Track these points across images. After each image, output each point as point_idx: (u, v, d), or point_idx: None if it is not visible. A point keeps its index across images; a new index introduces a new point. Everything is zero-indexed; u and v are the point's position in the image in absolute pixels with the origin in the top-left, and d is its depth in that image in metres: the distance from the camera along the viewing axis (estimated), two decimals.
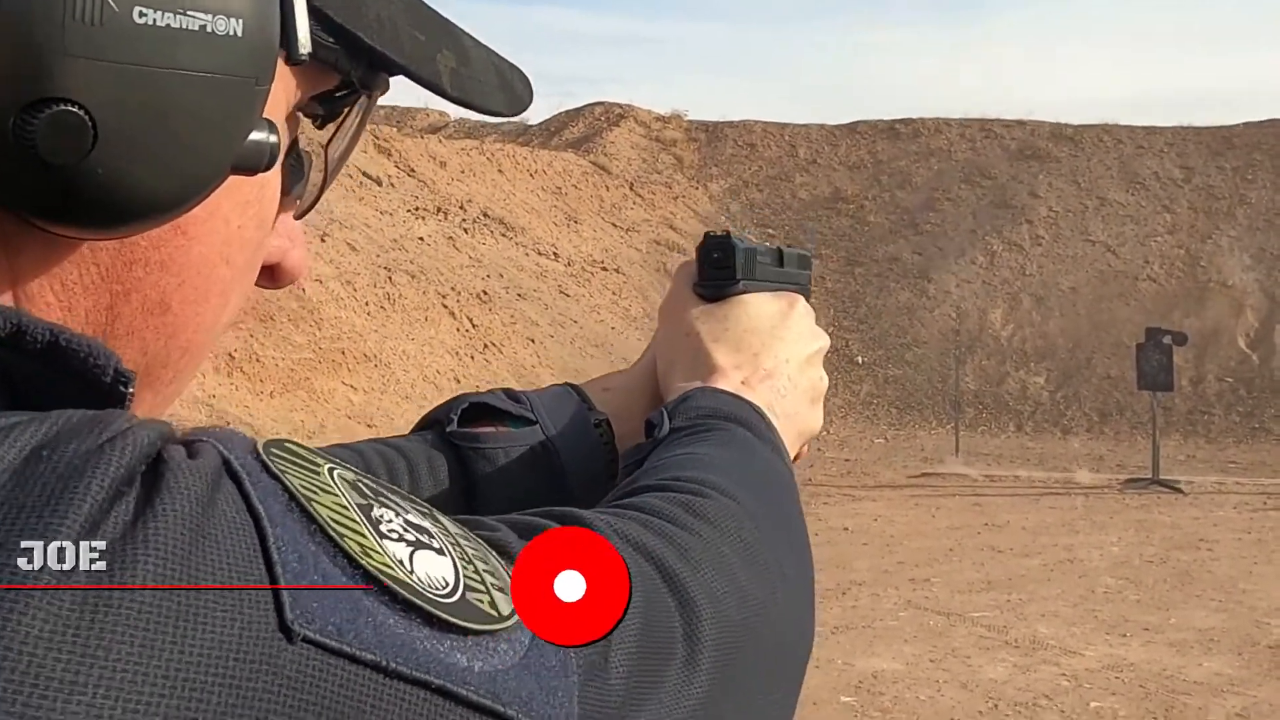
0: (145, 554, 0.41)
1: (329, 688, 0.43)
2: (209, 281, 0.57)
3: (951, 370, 21.57)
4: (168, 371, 0.59)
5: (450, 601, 0.49)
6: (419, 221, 20.99)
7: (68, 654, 0.38)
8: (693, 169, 29.10)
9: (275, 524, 0.45)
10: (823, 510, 13.64)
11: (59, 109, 0.47)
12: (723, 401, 0.94)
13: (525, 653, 0.51)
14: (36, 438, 0.43)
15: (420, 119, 31.72)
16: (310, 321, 15.48)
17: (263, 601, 0.43)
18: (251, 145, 0.53)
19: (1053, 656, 8.11)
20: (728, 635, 0.66)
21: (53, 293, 0.53)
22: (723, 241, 1.07)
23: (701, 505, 0.74)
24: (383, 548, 0.48)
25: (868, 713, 6.98)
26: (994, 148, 28.16)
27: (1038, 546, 11.77)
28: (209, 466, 0.46)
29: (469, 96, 0.67)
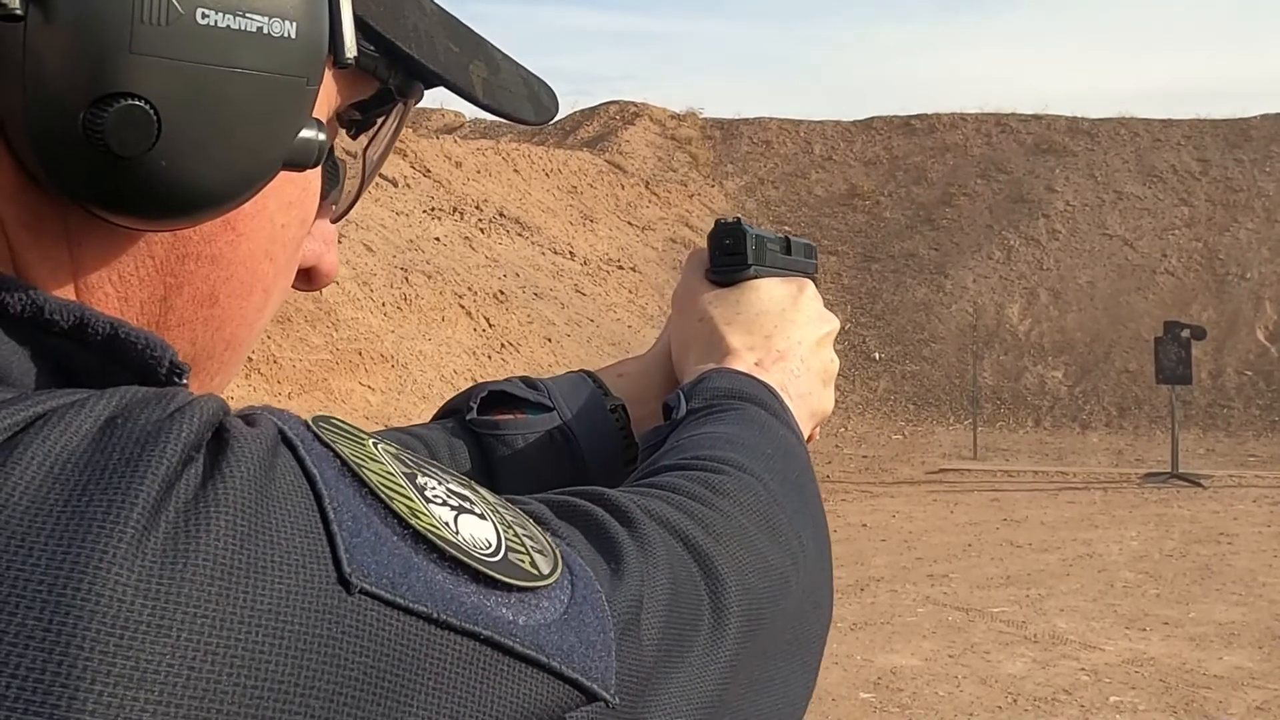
0: (216, 512, 0.43)
1: (385, 637, 0.46)
2: (254, 277, 0.60)
3: (969, 366, 21.53)
4: (214, 363, 0.62)
5: (494, 560, 0.52)
6: (435, 222, 21.03)
7: (153, 600, 0.41)
8: (708, 167, 29.09)
9: (330, 486, 0.48)
10: (841, 507, 13.63)
11: (127, 103, 0.49)
12: (738, 382, 0.97)
13: (565, 610, 0.54)
14: (110, 409, 0.46)
15: (435, 119, 31.76)
16: (327, 322, 15.52)
17: (322, 556, 0.46)
18: (302, 142, 0.56)
19: (1072, 651, 8.10)
20: (752, 604, 0.69)
21: (111, 284, 0.55)
22: (734, 228, 1.10)
23: (722, 482, 0.77)
24: (429, 510, 0.51)
25: (886, 709, 6.97)
26: (1010, 142, 28.08)
27: (1056, 541, 11.75)
28: (267, 435, 0.49)
29: (501, 105, 0.70)
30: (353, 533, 0.47)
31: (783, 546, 0.76)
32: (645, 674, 0.58)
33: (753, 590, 0.70)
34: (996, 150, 27.96)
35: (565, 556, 0.57)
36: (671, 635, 0.61)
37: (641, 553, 0.63)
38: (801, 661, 0.78)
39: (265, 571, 0.43)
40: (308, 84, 0.55)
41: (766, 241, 1.11)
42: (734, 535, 0.72)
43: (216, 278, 0.58)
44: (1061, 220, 25.99)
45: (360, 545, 0.47)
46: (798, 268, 1.14)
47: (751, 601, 0.69)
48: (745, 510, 0.76)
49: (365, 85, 0.64)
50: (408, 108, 0.68)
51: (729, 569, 0.69)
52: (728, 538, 0.71)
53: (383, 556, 0.47)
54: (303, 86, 0.55)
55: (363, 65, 0.61)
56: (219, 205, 0.54)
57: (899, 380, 23.06)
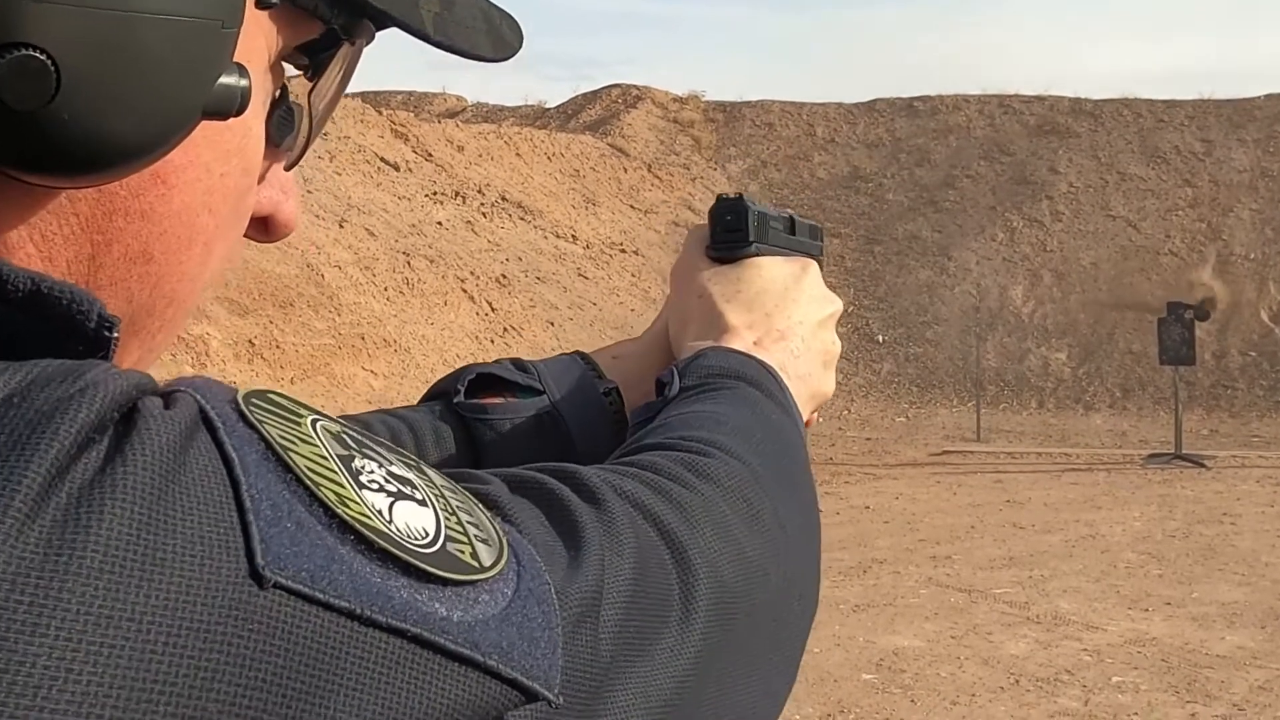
0: (112, 499, 0.41)
1: (301, 634, 0.43)
2: (192, 231, 0.57)
3: (972, 348, 21.52)
4: (154, 321, 0.58)
5: (429, 551, 0.48)
6: (437, 206, 21.01)
7: (30, 596, 0.38)
8: (711, 150, 29.04)
9: (249, 472, 0.45)
10: (844, 489, 13.63)
11: (20, 54, 0.46)
12: (734, 360, 0.94)
13: (508, 604, 0.50)
14: (10, 386, 0.43)
15: (437, 103, 31.71)
16: (330, 307, 15.52)
17: (233, 547, 0.43)
18: (222, 89, 0.52)
19: (1074, 632, 8.10)
20: (725, 598, 0.66)
21: (33, 244, 0.52)
22: (735, 204, 1.07)
23: (705, 464, 0.74)
24: (361, 497, 0.48)
25: (889, 690, 6.98)
26: (1013, 124, 28.01)
27: (1059, 523, 11.75)
28: (184, 415, 0.46)
29: (453, 41, 0.65)
30: (270, 522, 0.44)
31: (763, 536, 0.73)
32: (602, 668, 0.56)
33: (726, 581, 0.67)
34: (999, 132, 27.89)
35: (514, 545, 0.54)
36: (634, 625, 0.58)
37: (606, 535, 0.60)
38: (782, 655, 0.75)
39: (164, 564, 0.41)
40: (224, 26, 0.51)
41: (770, 219, 1.08)
42: (711, 521, 0.69)
43: (149, 233, 0.55)
44: (1065, 202, 25.94)
45: (278, 535, 0.44)
46: (802, 248, 1.11)
47: (724, 592, 0.66)
48: (726, 496, 0.73)
49: (309, 26, 0.60)
50: (357, 49, 0.65)
51: (701, 558, 0.66)
52: (704, 524, 0.68)
53: (303, 548, 0.44)
54: (218, 29, 0.51)
55: (300, 4, 0.58)
56: (135, 159, 0.51)
57: (902, 362, 23.05)
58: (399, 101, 30.30)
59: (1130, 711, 6.58)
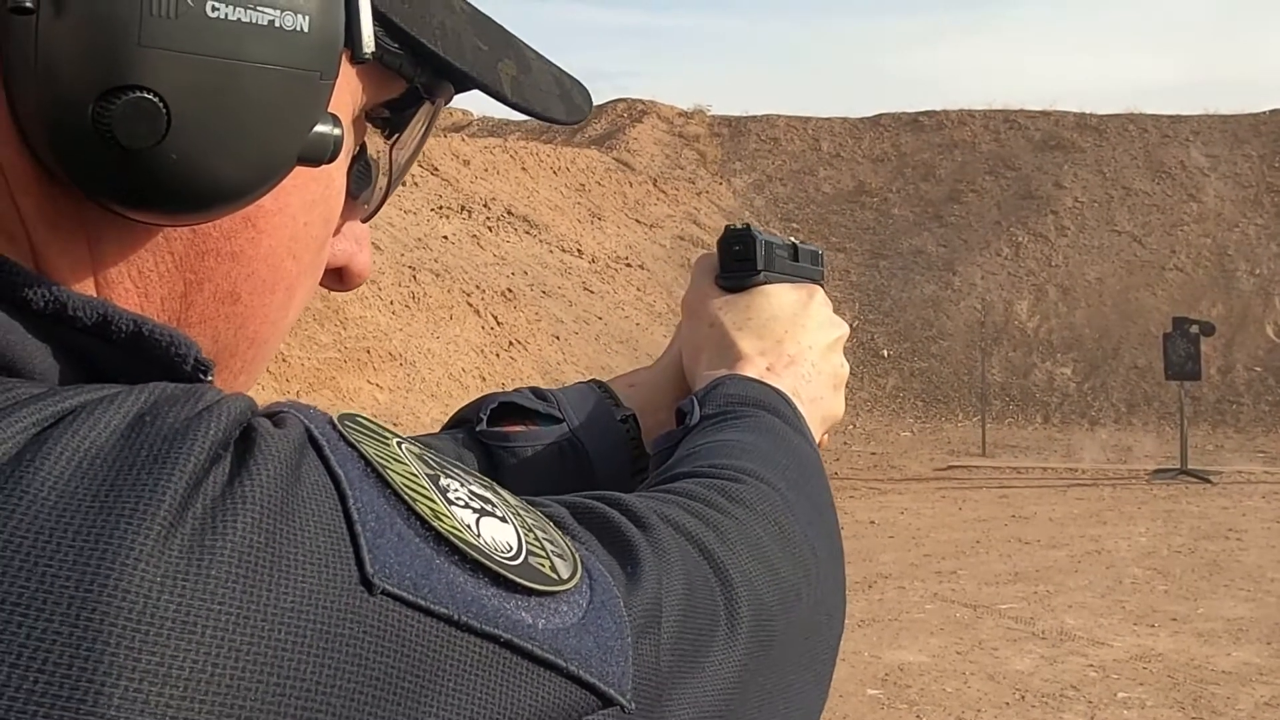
0: (242, 510, 0.44)
1: (406, 637, 0.46)
2: (276, 275, 0.60)
3: (977, 363, 21.50)
4: (237, 361, 0.62)
5: (515, 564, 0.52)
6: (443, 220, 21.04)
7: (179, 596, 0.41)
8: (716, 164, 29.08)
9: (354, 487, 0.48)
10: (849, 504, 13.62)
11: (135, 95, 0.49)
12: (751, 388, 0.97)
13: (584, 615, 0.54)
14: (139, 405, 0.46)
15: (443, 117, 31.73)
16: (335, 321, 15.54)
17: (345, 556, 0.46)
18: (316, 137, 0.55)
19: (1080, 647, 8.09)
20: (763, 617, 0.69)
21: (130, 280, 0.55)
22: (743, 234, 1.10)
23: (738, 490, 0.77)
24: (451, 513, 0.51)
25: (894, 705, 6.97)
26: (1018, 138, 28.04)
27: (1065, 538, 11.74)
28: (294, 435, 0.49)
29: (531, 104, 0.69)
30: (376, 534, 0.47)
31: (795, 558, 0.76)
32: (662, 678, 0.58)
33: (764, 600, 0.70)
34: (1005, 147, 27.93)
35: (584, 561, 0.57)
36: (687, 640, 0.61)
37: (657, 557, 0.63)
38: (814, 673, 0.78)
39: (289, 570, 0.44)
40: (321, 78, 0.54)
41: (775, 247, 1.11)
42: (747, 544, 0.72)
43: (238, 275, 0.58)
44: (1070, 217, 25.95)
45: (383, 546, 0.47)
46: (806, 274, 1.14)
47: (762, 611, 0.69)
48: (761, 520, 0.76)
49: (393, 84, 0.63)
50: (436, 107, 0.68)
51: (741, 577, 0.69)
52: (740, 546, 0.71)
53: (405, 558, 0.48)
54: (316, 80, 0.54)
55: (387, 63, 0.61)
56: (233, 200, 0.54)
57: (907, 377, 23.05)
58: None
59: None
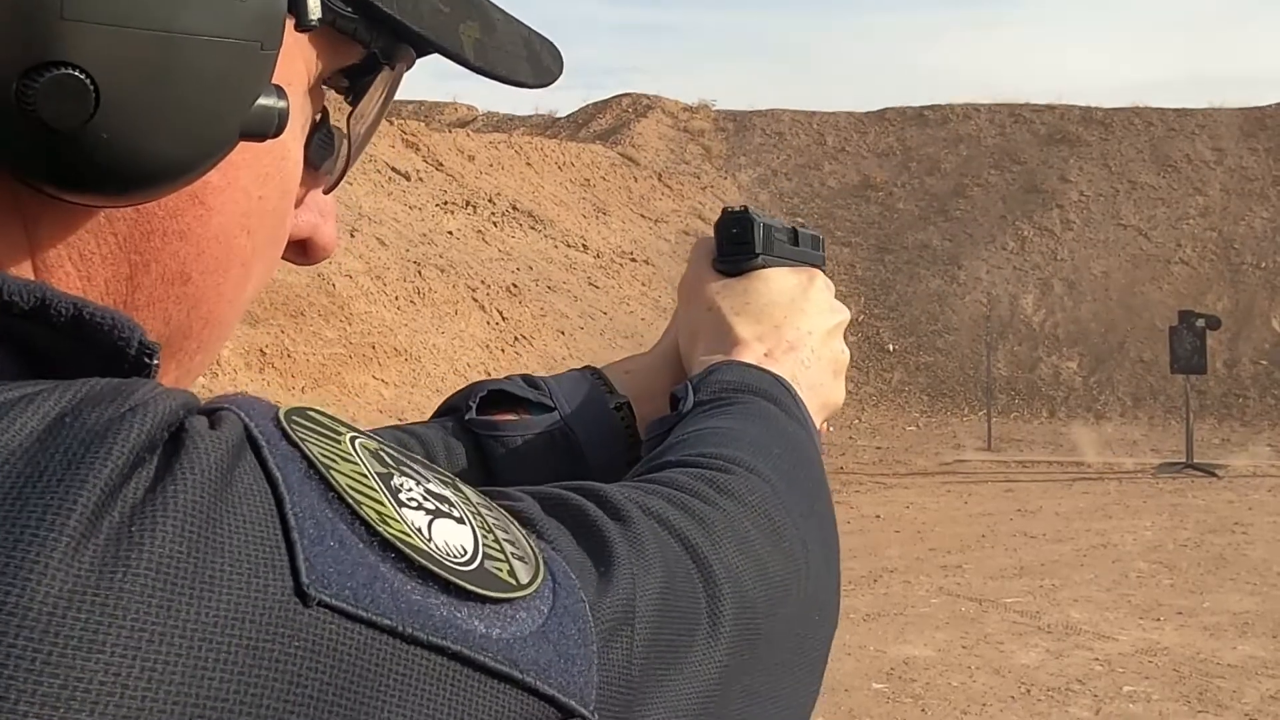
0: (164, 517, 0.41)
1: (345, 651, 0.44)
2: (229, 252, 0.57)
3: (983, 357, 21.47)
4: (191, 342, 0.58)
5: (468, 569, 0.49)
6: (448, 215, 21.03)
7: (86, 613, 0.38)
8: (721, 159, 29.06)
9: (292, 491, 0.45)
10: (854, 498, 13.61)
11: (59, 73, 0.46)
12: (747, 374, 0.93)
13: (544, 622, 0.51)
14: (60, 405, 0.43)
15: (448, 113, 31.76)
16: (341, 317, 15.54)
17: (279, 566, 0.43)
18: (260, 110, 0.52)
19: (1086, 641, 8.08)
20: (748, 614, 0.66)
21: (71, 263, 0.52)
22: (741, 216, 1.07)
23: (727, 481, 0.74)
24: (401, 515, 0.48)
25: (899, 699, 6.97)
26: (1023, 132, 28.01)
27: (1070, 532, 11.72)
28: (230, 435, 0.46)
29: (493, 67, 0.66)
30: (314, 540, 0.45)
31: (785, 553, 0.73)
32: (635, 682, 0.56)
33: (750, 598, 0.67)
34: (1010, 141, 27.89)
35: (549, 563, 0.54)
36: (664, 640, 0.59)
37: (634, 552, 0.60)
38: (805, 670, 0.75)
39: (214, 582, 0.41)
40: (262, 48, 0.51)
41: (774, 230, 1.08)
42: (734, 538, 0.69)
43: (186, 254, 0.55)
44: (1075, 210, 25.91)
45: (321, 554, 0.44)
46: (805, 258, 1.11)
47: (748, 609, 0.66)
48: (748, 512, 0.73)
49: (349, 50, 0.61)
50: (397, 73, 0.64)
51: (725, 573, 0.66)
52: (727, 540, 0.68)
53: (346, 566, 0.45)
54: (256, 51, 0.51)
55: (340, 28, 0.58)
56: (172, 179, 0.51)
57: (913, 371, 23.03)
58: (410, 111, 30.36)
59: None
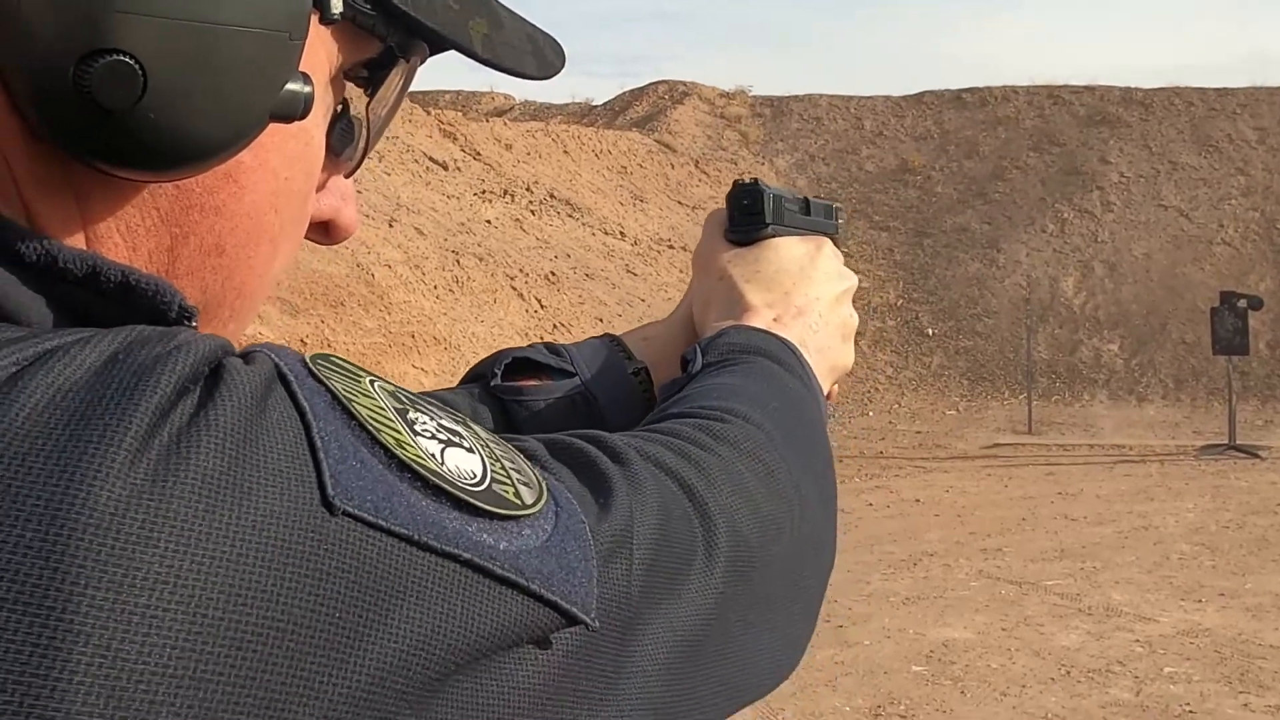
0: (206, 438, 0.47)
1: (366, 556, 0.49)
2: (260, 227, 0.63)
3: (1023, 340, 21.38)
4: (225, 310, 0.65)
5: (478, 490, 0.54)
6: (486, 204, 21.10)
7: (142, 515, 0.44)
8: (758, 145, 29.00)
9: (319, 418, 0.51)
10: (894, 482, 13.61)
11: (111, 59, 0.52)
12: (753, 337, 0.98)
13: (547, 538, 0.56)
14: (114, 345, 0.49)
15: (485, 102, 31.83)
16: (380, 306, 15.62)
17: (307, 480, 0.48)
18: (288, 95, 0.58)
19: (1127, 623, 8.07)
20: (743, 548, 0.72)
21: (119, 234, 0.58)
22: (751, 189, 1.12)
23: (723, 429, 0.80)
24: (416, 443, 0.54)
25: (939, 681, 6.98)
26: (1063, 114, 27.82)
27: (1112, 514, 11.69)
28: (263, 371, 0.51)
29: (501, 60, 0.71)
30: (338, 460, 0.49)
31: (778, 495, 0.78)
32: (634, 603, 0.61)
33: (744, 534, 0.72)
34: (1049, 122, 27.71)
35: (552, 489, 0.59)
36: (662, 568, 0.64)
37: (632, 489, 0.65)
38: (800, 606, 0.81)
39: (251, 492, 0.46)
40: (290, 39, 0.57)
41: (784, 201, 1.13)
42: (728, 480, 0.74)
43: (222, 228, 0.61)
44: (1116, 192, 25.74)
45: (345, 471, 0.49)
46: (817, 227, 1.15)
47: (741, 544, 0.71)
48: (743, 457, 0.78)
49: (368, 44, 0.66)
50: (412, 66, 0.70)
51: (720, 511, 0.71)
52: (722, 482, 0.73)
53: (367, 482, 0.50)
54: (285, 41, 0.57)
55: (360, 23, 0.63)
56: (210, 157, 0.56)
57: (952, 355, 22.94)
58: (447, 101, 30.44)
59: (1182, 702, 6.56)
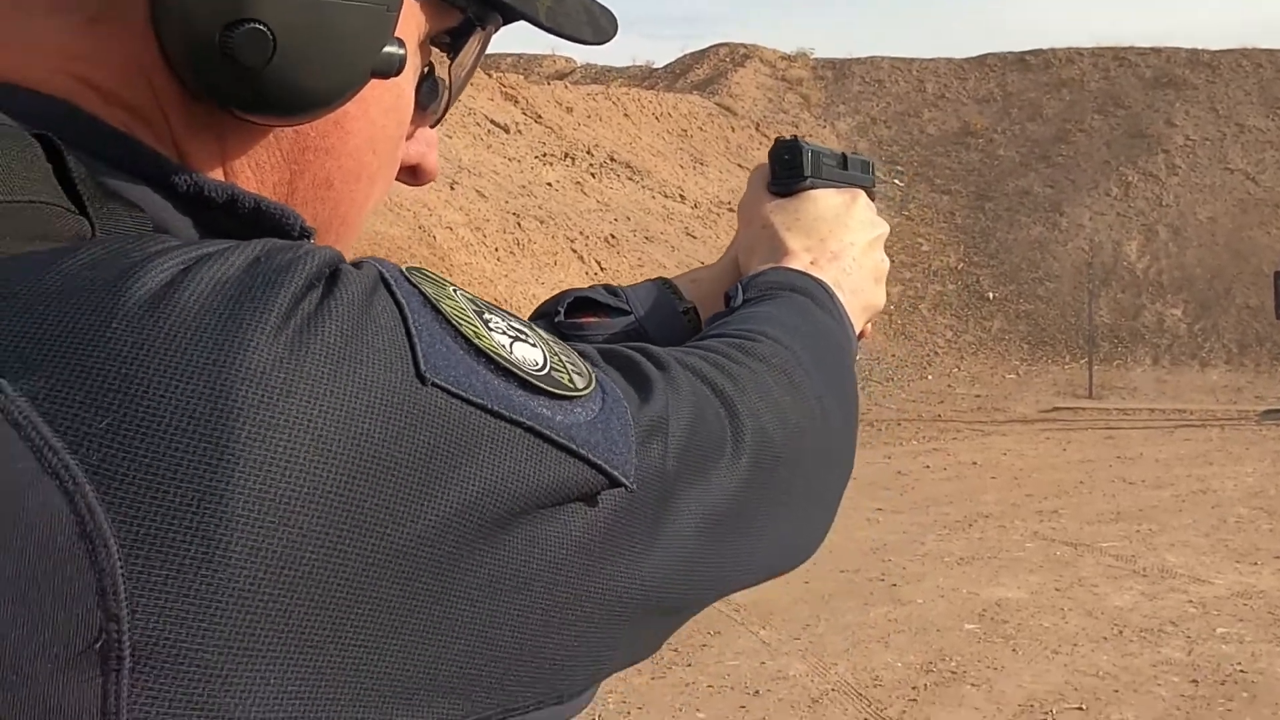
0: (329, 320, 0.58)
1: (450, 420, 0.60)
2: (361, 166, 0.76)
3: (1085, 304, 21.29)
4: (331, 235, 0.77)
5: (540, 374, 0.65)
6: (547, 167, 21.22)
7: (282, 374, 0.55)
8: (819, 107, 28.94)
9: (414, 312, 0.62)
10: (951, 445, 13.65)
11: (249, 26, 0.64)
12: (789, 276, 1.11)
13: (595, 416, 0.67)
14: (256, 250, 0.60)
15: (547, 65, 31.90)
16: (442, 268, 15.79)
17: (405, 358, 0.59)
18: (385, 55, 0.70)
19: (1181, 585, 8.11)
20: (765, 447, 0.83)
21: (250, 170, 0.71)
22: (791, 144, 1.24)
23: (754, 347, 0.92)
24: (490, 336, 0.65)
25: (990, 639, 7.06)
26: (1128, 76, 27.56)
27: (1170, 478, 11.69)
28: (370, 275, 0.62)
29: (561, 27, 0.84)
30: (429, 344, 0.60)
31: (802, 406, 0.90)
32: (670, 479, 0.72)
33: (769, 433, 0.83)
34: (1114, 85, 27.46)
35: (600, 379, 0.70)
36: (695, 452, 0.75)
37: (670, 388, 0.76)
38: (819, 507, 0.94)
39: (361, 364, 0.57)
40: (388, 10, 0.70)
41: (822, 156, 1.25)
42: (757, 387, 0.86)
43: (331, 166, 0.74)
44: (1181, 155, 25.49)
45: (434, 354, 0.60)
46: (855, 180, 1.28)
47: (765, 442, 0.83)
48: (771, 371, 0.89)
49: (450, 15, 0.78)
50: (488, 33, 0.82)
51: (748, 412, 0.82)
52: (751, 389, 0.85)
53: (451, 363, 0.61)
54: (384, 13, 0.69)
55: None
56: (324, 105, 0.69)
57: (1013, 319, 22.87)
58: (509, 64, 30.56)
59: (1234, 662, 6.61)
